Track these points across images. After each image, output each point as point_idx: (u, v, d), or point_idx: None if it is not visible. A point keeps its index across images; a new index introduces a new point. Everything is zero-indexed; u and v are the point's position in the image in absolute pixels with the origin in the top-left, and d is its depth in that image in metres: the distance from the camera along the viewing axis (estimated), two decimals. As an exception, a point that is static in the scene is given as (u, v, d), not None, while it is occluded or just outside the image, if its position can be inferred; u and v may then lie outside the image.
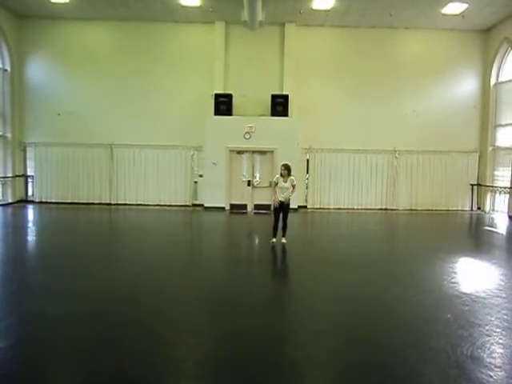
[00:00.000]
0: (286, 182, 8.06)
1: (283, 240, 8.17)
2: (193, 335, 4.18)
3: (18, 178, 14.45)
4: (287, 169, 8.05)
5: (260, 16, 11.66)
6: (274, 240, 8.17)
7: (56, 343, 3.89)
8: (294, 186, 8.12)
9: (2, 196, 13.99)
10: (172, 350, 3.80)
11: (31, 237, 9.61)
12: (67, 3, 12.76)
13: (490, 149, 14.43)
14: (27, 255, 7.86)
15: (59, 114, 14.32)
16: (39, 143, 14.41)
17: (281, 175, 8.07)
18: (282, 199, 8.04)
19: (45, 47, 14.34)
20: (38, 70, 14.48)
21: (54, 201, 14.37)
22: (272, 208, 8.38)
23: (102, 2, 12.71)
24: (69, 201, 14.35)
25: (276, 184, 8.12)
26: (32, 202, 14.50)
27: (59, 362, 3.59)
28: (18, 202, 14.35)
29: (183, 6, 12.82)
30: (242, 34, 13.60)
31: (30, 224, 11.58)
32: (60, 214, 13.05)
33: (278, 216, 8.19)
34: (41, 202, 14.35)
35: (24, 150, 14.64)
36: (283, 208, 8.15)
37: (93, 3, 12.87)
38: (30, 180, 14.80)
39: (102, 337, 4.02)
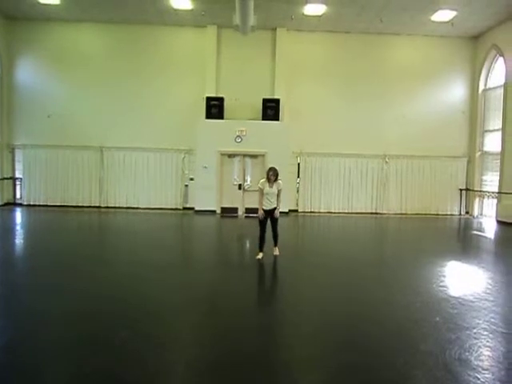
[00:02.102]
0: (272, 187, 7.21)
1: (275, 252, 7.48)
2: (183, 337, 4.16)
3: (6, 181, 14.27)
4: (276, 174, 7.18)
5: (252, 20, 11.70)
6: (261, 256, 7.33)
7: (45, 345, 3.84)
8: (279, 192, 7.27)
9: (-10, 198, 13.83)
10: (162, 352, 3.76)
11: (18, 240, 9.47)
12: (57, 5, 12.68)
13: (478, 154, 14.62)
14: (14, 258, 7.74)
15: (49, 116, 14.20)
16: (28, 145, 14.25)
17: (267, 180, 7.20)
18: (268, 207, 7.27)
19: (35, 49, 14.23)
20: (27, 71, 14.35)
21: (42, 203, 14.22)
22: (258, 218, 7.43)
23: (94, 4, 12.66)
24: (58, 204, 14.21)
25: (262, 190, 7.27)
26: (20, 204, 14.32)
27: (49, 364, 3.54)
28: (6, 204, 14.16)
29: (175, 10, 12.82)
30: (234, 38, 13.63)
31: (18, 227, 11.42)
32: (48, 216, 12.90)
33: (265, 225, 7.37)
34: (29, 205, 14.18)
35: (12, 152, 14.48)
36: (271, 217, 7.36)
37: (84, 5, 12.81)
38: (18, 182, 14.63)
39: (91, 338, 3.97)
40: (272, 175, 7.17)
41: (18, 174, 14.61)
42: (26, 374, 3.34)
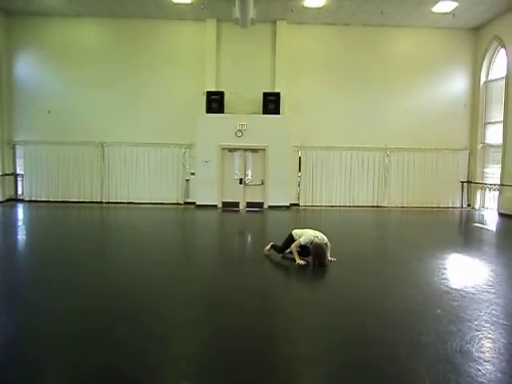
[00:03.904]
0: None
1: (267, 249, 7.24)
2: (184, 333, 4.17)
3: (7, 177, 14.30)
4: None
5: (251, 13, 11.64)
6: (269, 247, 7.25)
7: (45, 341, 3.85)
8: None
9: (-9, 195, 13.85)
10: (163, 347, 3.78)
11: (20, 236, 9.50)
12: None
13: (480, 146, 14.57)
14: (15, 254, 7.76)
15: (49, 112, 14.19)
16: (29, 141, 14.26)
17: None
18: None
19: (35, 44, 14.18)
20: (27, 67, 14.32)
21: (44, 199, 14.25)
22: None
23: (92, -2, 12.60)
24: (59, 199, 14.25)
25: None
26: (22, 200, 14.37)
27: (48, 360, 3.55)
28: (8, 200, 14.20)
29: (175, 3, 12.75)
30: (234, 32, 13.56)
31: (20, 223, 11.45)
32: (50, 212, 12.93)
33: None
34: (30, 201, 14.21)
35: (13, 148, 14.49)
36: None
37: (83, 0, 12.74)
38: (19, 178, 14.66)
39: (92, 334, 3.98)
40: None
41: (19, 170, 14.64)
42: (26, 370, 3.34)
